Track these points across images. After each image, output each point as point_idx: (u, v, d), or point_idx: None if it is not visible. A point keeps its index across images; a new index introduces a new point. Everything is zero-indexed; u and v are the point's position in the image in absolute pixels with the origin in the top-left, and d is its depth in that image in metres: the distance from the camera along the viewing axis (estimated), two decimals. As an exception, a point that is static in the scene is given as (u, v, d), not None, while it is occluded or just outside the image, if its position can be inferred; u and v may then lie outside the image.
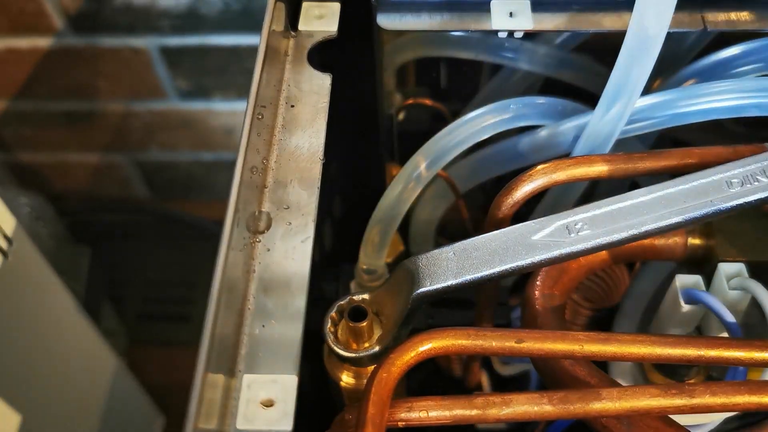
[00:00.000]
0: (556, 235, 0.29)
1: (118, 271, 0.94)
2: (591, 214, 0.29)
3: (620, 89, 0.33)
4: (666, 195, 0.30)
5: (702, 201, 0.29)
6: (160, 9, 0.74)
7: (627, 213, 0.29)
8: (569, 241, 0.29)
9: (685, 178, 0.30)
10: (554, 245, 0.29)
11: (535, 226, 0.29)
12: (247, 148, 0.30)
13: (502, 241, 0.29)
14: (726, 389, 0.26)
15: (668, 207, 0.29)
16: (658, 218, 0.29)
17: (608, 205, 0.30)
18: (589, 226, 0.29)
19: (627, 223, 0.29)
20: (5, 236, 0.45)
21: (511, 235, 0.29)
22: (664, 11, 0.30)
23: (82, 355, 0.60)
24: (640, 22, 0.31)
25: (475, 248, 0.29)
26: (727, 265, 0.34)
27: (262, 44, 0.33)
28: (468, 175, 0.43)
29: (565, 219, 0.29)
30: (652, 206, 0.29)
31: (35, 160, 0.93)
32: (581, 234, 0.29)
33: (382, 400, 0.25)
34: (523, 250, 0.29)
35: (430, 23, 0.39)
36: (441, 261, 0.29)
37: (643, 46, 0.31)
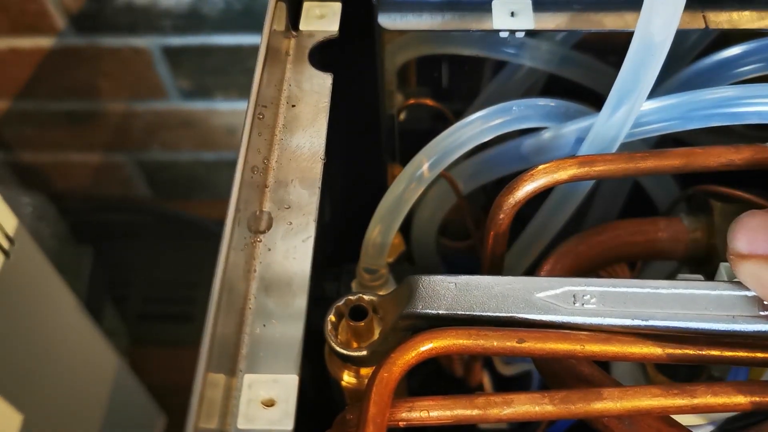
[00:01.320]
0: (560, 300, 0.28)
1: (120, 270, 0.94)
2: (603, 289, 0.28)
3: (626, 93, 0.33)
4: (688, 295, 0.27)
5: (724, 314, 0.27)
6: (161, 9, 0.74)
7: (640, 300, 0.27)
8: (571, 310, 0.28)
9: (715, 284, 0.27)
10: (554, 310, 0.28)
11: (542, 283, 0.28)
12: (248, 148, 0.30)
13: (504, 288, 0.28)
14: (727, 389, 0.26)
15: (685, 308, 0.27)
16: (668, 317, 0.27)
17: (624, 286, 0.28)
18: (597, 301, 0.28)
19: (636, 311, 0.27)
20: (7, 236, 0.45)
21: (516, 284, 0.28)
22: (671, 18, 0.30)
23: (83, 354, 0.60)
24: (647, 28, 0.31)
25: (476, 287, 0.29)
26: (728, 265, 0.34)
27: (263, 44, 0.33)
28: (470, 176, 0.43)
29: (576, 287, 0.28)
30: (668, 302, 0.27)
31: (37, 159, 0.93)
32: (586, 307, 0.28)
33: (384, 400, 0.25)
34: (522, 304, 0.28)
35: (431, 23, 0.39)
36: (440, 290, 0.29)
37: (649, 52, 0.31)
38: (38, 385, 0.51)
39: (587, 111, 0.38)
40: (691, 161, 0.32)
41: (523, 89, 0.46)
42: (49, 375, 0.53)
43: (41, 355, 0.52)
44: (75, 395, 0.58)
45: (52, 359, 0.53)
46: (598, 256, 0.35)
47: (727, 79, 0.39)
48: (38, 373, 0.51)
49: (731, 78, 0.39)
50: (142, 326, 0.91)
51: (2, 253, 0.44)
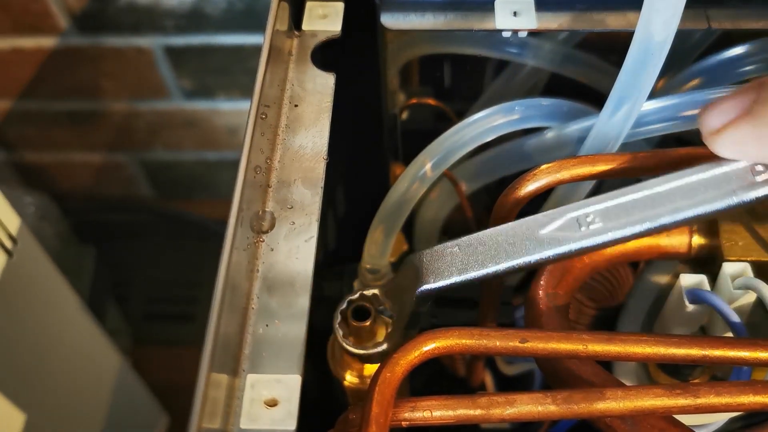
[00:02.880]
0: (565, 229, 0.27)
1: (123, 270, 0.94)
2: (604, 206, 0.28)
3: (626, 93, 0.33)
4: (685, 185, 0.27)
5: (724, 191, 0.27)
6: (164, 9, 0.74)
7: (642, 205, 0.27)
8: (579, 235, 0.27)
9: (705, 166, 0.27)
10: (564, 240, 0.27)
11: (543, 220, 0.28)
12: (250, 148, 0.30)
13: (508, 236, 0.28)
14: (730, 389, 0.26)
15: (687, 198, 0.27)
16: (675, 210, 0.27)
17: (622, 196, 0.28)
18: (602, 219, 0.27)
19: (642, 216, 0.27)
20: (10, 236, 0.45)
21: (519, 229, 0.28)
22: (671, 18, 0.30)
23: (86, 354, 0.60)
24: (647, 28, 0.30)
25: (480, 243, 0.28)
26: (731, 265, 0.34)
27: (266, 44, 0.33)
28: (473, 176, 0.43)
29: (576, 211, 0.28)
30: (669, 197, 0.27)
31: (40, 159, 0.93)
32: (592, 228, 0.27)
33: (386, 400, 0.25)
34: (531, 245, 0.27)
35: (433, 23, 0.39)
36: (445, 256, 0.28)
37: (649, 52, 0.31)
38: (41, 384, 0.51)
39: (590, 111, 0.38)
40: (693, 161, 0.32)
41: (526, 89, 0.46)
42: (52, 374, 0.53)
43: (44, 354, 0.52)
44: (77, 395, 0.58)
45: (55, 359, 0.53)
46: (602, 256, 0.35)
47: (730, 79, 0.39)
48: (41, 372, 0.51)
49: (734, 78, 0.39)
50: (145, 326, 0.91)
51: (5, 252, 0.45)
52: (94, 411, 0.61)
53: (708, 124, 0.27)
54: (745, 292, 0.33)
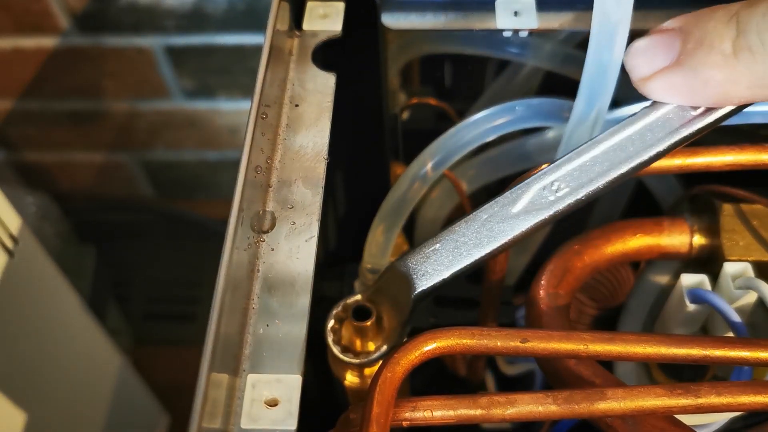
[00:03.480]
0: (535, 202, 0.29)
1: (123, 270, 0.94)
2: (565, 170, 0.29)
3: (591, 99, 0.33)
4: (634, 132, 0.29)
5: (668, 130, 0.28)
6: (164, 8, 0.74)
7: (601, 160, 0.29)
8: (549, 202, 0.28)
9: (647, 110, 0.29)
10: (536, 212, 0.28)
11: (512, 197, 0.29)
12: (251, 148, 0.30)
13: (483, 221, 0.29)
14: (732, 389, 0.26)
15: (638, 143, 0.29)
16: (629, 157, 0.28)
17: (580, 157, 0.29)
18: (567, 184, 0.29)
19: (602, 169, 0.29)
20: (11, 235, 0.45)
21: (491, 211, 0.29)
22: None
23: (87, 354, 0.60)
24: (602, 8, 0.31)
25: (460, 235, 0.29)
26: (732, 265, 0.34)
27: (267, 44, 0.33)
28: (474, 176, 0.43)
29: (541, 182, 0.29)
30: (622, 147, 0.29)
31: (41, 159, 0.93)
32: (560, 193, 0.29)
33: (387, 400, 0.25)
34: (508, 225, 0.29)
35: (434, 22, 0.39)
36: (430, 256, 0.29)
37: (608, 32, 0.31)
38: (42, 384, 0.51)
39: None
40: (695, 161, 0.32)
41: (526, 88, 0.46)
42: (53, 374, 0.53)
43: (45, 354, 0.52)
44: (78, 394, 0.58)
45: (56, 358, 0.53)
46: (603, 256, 0.35)
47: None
48: (42, 372, 0.51)
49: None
50: (146, 326, 0.91)
51: (6, 252, 0.45)
52: (95, 411, 0.61)
53: (637, 71, 0.27)
54: (746, 292, 0.33)
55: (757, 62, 0.24)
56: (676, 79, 0.26)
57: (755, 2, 0.24)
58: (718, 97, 0.26)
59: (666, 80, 0.27)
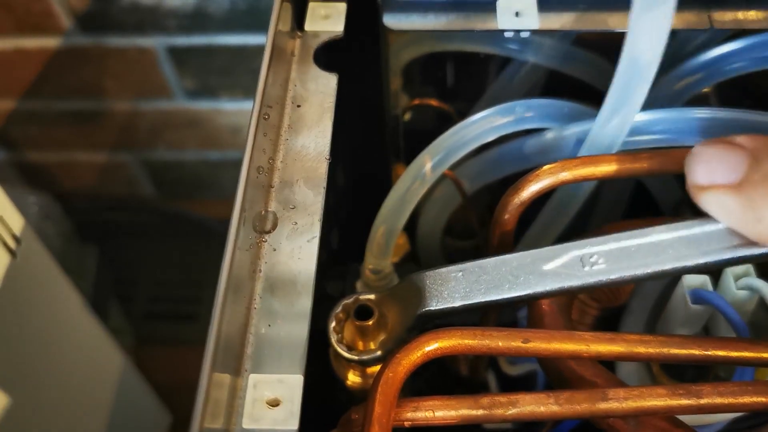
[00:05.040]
0: (569, 267, 0.28)
1: (125, 270, 0.94)
2: (608, 248, 0.28)
3: (618, 106, 0.33)
4: (689, 236, 0.28)
5: (726, 245, 0.27)
6: (167, 9, 0.74)
7: (646, 251, 0.28)
8: (582, 274, 0.28)
9: (707, 220, 0.28)
10: (566, 277, 0.28)
11: (548, 254, 0.29)
12: (253, 148, 0.30)
13: (512, 267, 0.29)
14: (733, 389, 0.26)
15: (690, 248, 0.28)
16: (677, 258, 0.28)
17: (627, 240, 0.28)
18: (605, 261, 0.28)
19: (645, 261, 0.28)
20: (14, 235, 0.45)
21: (523, 261, 0.29)
22: (657, 41, 0.30)
23: (89, 353, 0.60)
24: (632, 51, 0.31)
25: (484, 271, 0.29)
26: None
27: (269, 44, 0.33)
28: (475, 175, 0.43)
29: (581, 250, 0.28)
30: (673, 245, 0.28)
31: (43, 159, 0.94)
32: (595, 268, 0.28)
33: (389, 400, 0.25)
34: (534, 279, 0.28)
35: (436, 23, 0.39)
36: (449, 281, 0.29)
37: (637, 72, 0.31)
38: (44, 383, 0.51)
39: (591, 112, 0.38)
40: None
41: (526, 87, 0.46)
42: (55, 374, 0.53)
43: (47, 353, 0.52)
44: (80, 394, 0.58)
45: (58, 358, 0.54)
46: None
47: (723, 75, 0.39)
48: (44, 371, 0.51)
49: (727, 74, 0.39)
50: (148, 325, 0.91)
51: (9, 252, 0.45)
52: (97, 410, 0.61)
53: (695, 178, 0.27)
54: (748, 293, 0.33)
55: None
56: (730, 203, 0.26)
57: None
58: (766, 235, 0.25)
59: (720, 200, 0.26)
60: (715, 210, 0.27)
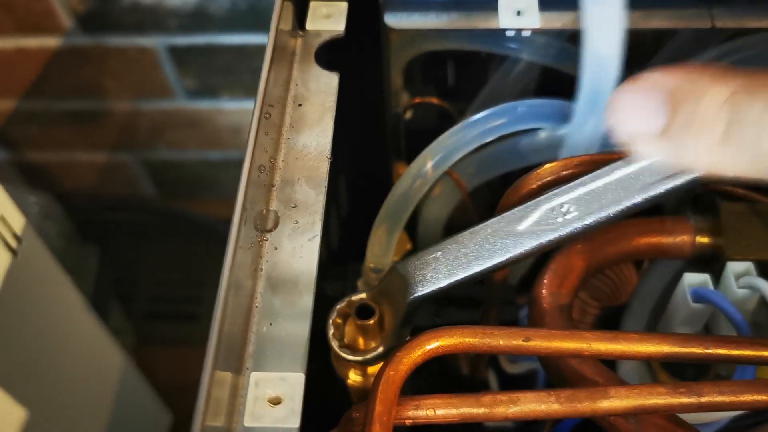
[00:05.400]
0: (543, 222, 0.28)
1: (126, 269, 0.94)
2: (577, 194, 0.28)
3: (590, 106, 0.33)
4: (652, 163, 0.28)
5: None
6: (167, 8, 0.74)
7: (614, 188, 0.28)
8: (557, 225, 0.28)
9: None
10: (543, 232, 0.28)
11: (520, 215, 0.29)
12: (254, 147, 0.30)
13: (488, 234, 0.29)
14: (734, 388, 0.26)
15: (654, 176, 0.28)
16: (644, 189, 0.28)
17: (593, 182, 0.29)
18: (576, 207, 0.28)
19: (615, 198, 0.28)
20: (14, 235, 0.45)
21: (497, 226, 0.29)
22: (613, 34, 0.30)
23: (90, 353, 0.60)
24: (592, 45, 0.31)
25: (462, 246, 0.29)
26: (735, 264, 0.33)
27: (270, 43, 0.33)
28: (474, 174, 0.43)
29: (551, 202, 0.29)
30: (639, 177, 0.28)
31: (44, 159, 0.94)
32: (568, 216, 0.28)
33: (390, 398, 0.25)
34: (511, 241, 0.28)
35: (437, 22, 0.39)
36: (430, 263, 0.29)
37: (600, 67, 0.31)
38: (44, 383, 0.51)
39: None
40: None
41: (522, 85, 0.46)
42: (55, 373, 0.53)
43: (47, 353, 0.52)
44: (81, 393, 0.58)
45: (59, 357, 0.54)
46: (605, 255, 0.35)
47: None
48: (44, 371, 0.51)
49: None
50: (148, 325, 0.91)
51: (10, 251, 0.45)
52: (98, 410, 0.61)
53: (623, 127, 0.26)
54: (749, 292, 0.33)
55: (746, 153, 0.22)
56: (662, 150, 0.25)
57: (755, 88, 0.22)
58: (701, 170, 0.25)
59: (648, 145, 0.25)
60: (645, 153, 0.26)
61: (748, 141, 0.22)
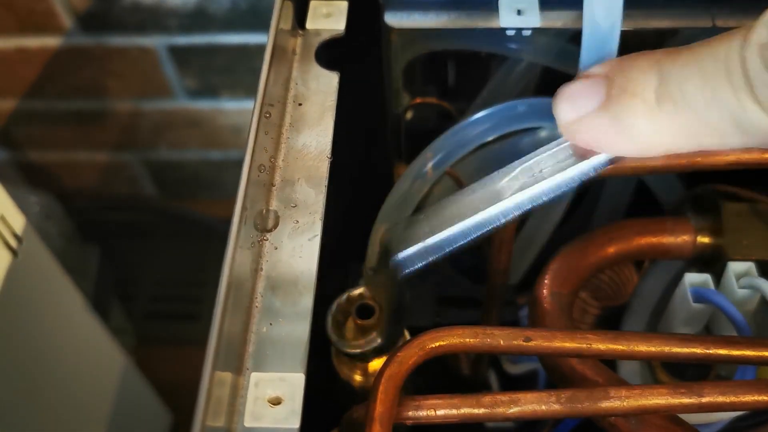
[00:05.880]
0: (521, 178, 0.29)
1: (127, 269, 0.94)
2: (554, 150, 0.29)
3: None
4: None
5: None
6: (168, 8, 0.74)
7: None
8: (535, 179, 0.28)
9: None
10: (521, 188, 0.28)
11: (500, 174, 0.29)
12: (254, 147, 0.30)
13: (472, 195, 0.29)
14: (735, 388, 0.26)
15: None
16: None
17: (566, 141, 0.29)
18: (551, 162, 0.28)
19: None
20: (15, 235, 0.45)
21: (477, 186, 0.29)
22: (614, 6, 0.30)
23: (90, 353, 0.60)
24: (592, 17, 0.31)
25: (444, 206, 0.29)
26: (736, 264, 0.33)
27: (270, 43, 0.33)
28: (475, 173, 0.43)
29: (528, 162, 0.29)
30: None
31: (45, 159, 0.94)
32: (544, 173, 0.28)
33: (390, 398, 0.25)
34: (492, 197, 0.29)
35: (437, 21, 0.39)
36: (413, 225, 0.29)
37: (600, 40, 0.31)
38: (45, 383, 0.51)
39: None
40: (698, 160, 0.32)
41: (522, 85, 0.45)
42: (56, 373, 0.53)
43: (48, 353, 0.52)
44: (81, 393, 0.58)
45: (59, 357, 0.54)
46: (606, 255, 0.35)
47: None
48: (45, 371, 0.51)
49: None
50: (149, 325, 0.91)
51: (10, 251, 0.45)
52: (98, 410, 0.61)
53: (563, 115, 0.27)
54: (750, 292, 0.32)
55: (679, 111, 0.24)
56: (600, 125, 0.26)
57: (676, 51, 0.24)
58: (643, 146, 0.26)
59: (591, 125, 0.26)
60: (590, 140, 0.27)
61: (677, 96, 0.24)
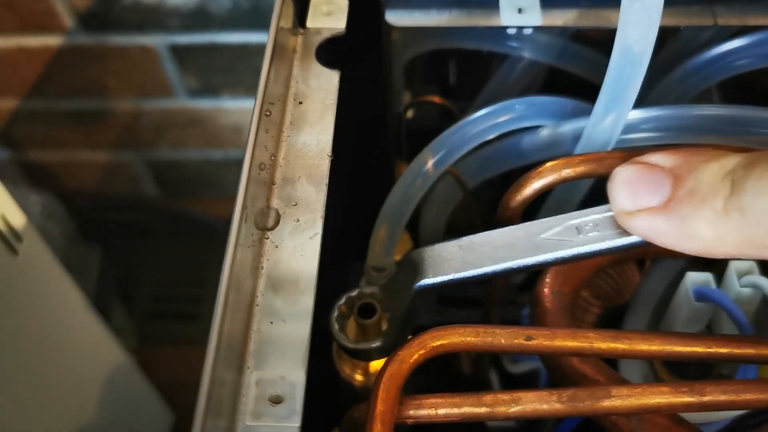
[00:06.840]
0: (564, 235, 0.28)
1: (128, 269, 0.94)
2: (599, 216, 0.29)
3: (612, 102, 0.33)
4: None
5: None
6: (168, 7, 0.74)
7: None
8: (577, 241, 0.28)
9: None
10: (561, 245, 0.28)
11: (543, 225, 0.29)
12: (255, 145, 0.30)
13: (509, 238, 0.29)
14: (737, 387, 0.26)
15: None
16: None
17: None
18: (597, 228, 0.28)
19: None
20: (16, 234, 0.45)
21: (519, 232, 0.29)
22: (648, 30, 0.30)
23: (92, 352, 0.60)
24: (625, 40, 0.30)
25: (481, 243, 0.29)
26: (738, 263, 0.33)
27: (270, 41, 0.33)
28: (475, 172, 0.43)
29: (576, 219, 0.29)
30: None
31: (46, 158, 0.94)
32: (590, 235, 0.28)
33: (391, 398, 0.25)
34: (530, 248, 0.28)
35: (438, 19, 0.38)
36: (446, 254, 0.29)
37: (630, 63, 0.31)
38: (46, 383, 0.51)
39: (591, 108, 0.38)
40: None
41: (524, 84, 0.45)
42: (57, 373, 0.53)
43: (49, 353, 0.52)
44: (83, 393, 0.58)
45: (60, 357, 0.54)
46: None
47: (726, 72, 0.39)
48: (46, 371, 0.51)
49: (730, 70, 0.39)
50: (150, 324, 0.91)
51: (11, 251, 0.45)
52: (100, 409, 0.61)
53: (620, 203, 0.26)
54: (752, 290, 0.32)
55: (748, 224, 0.23)
56: (661, 225, 0.25)
57: (753, 162, 0.23)
58: (703, 249, 0.25)
59: (651, 222, 0.26)
60: (647, 234, 0.26)
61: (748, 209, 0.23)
